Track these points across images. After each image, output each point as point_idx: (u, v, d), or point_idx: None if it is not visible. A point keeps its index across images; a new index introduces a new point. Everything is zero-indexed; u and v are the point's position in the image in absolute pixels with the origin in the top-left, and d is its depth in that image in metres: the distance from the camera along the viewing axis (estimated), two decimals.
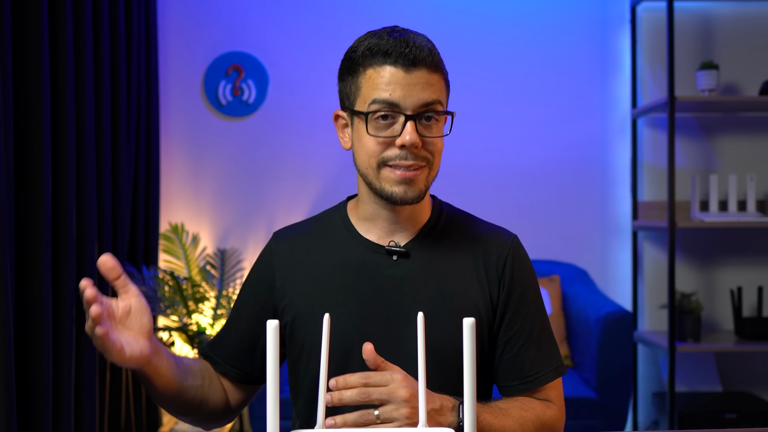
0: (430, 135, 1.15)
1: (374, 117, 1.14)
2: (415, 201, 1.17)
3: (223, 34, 3.41)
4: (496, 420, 1.12)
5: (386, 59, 1.12)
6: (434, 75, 1.14)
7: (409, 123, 1.12)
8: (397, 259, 1.22)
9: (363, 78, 1.15)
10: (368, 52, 1.14)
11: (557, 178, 3.44)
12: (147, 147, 3.13)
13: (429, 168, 1.17)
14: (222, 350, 1.29)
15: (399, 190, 1.15)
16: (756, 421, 2.92)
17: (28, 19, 2.04)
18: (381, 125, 1.14)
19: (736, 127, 3.42)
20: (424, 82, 1.13)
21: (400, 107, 1.12)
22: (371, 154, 1.15)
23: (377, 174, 1.16)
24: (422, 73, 1.13)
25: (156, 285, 2.91)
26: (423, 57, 1.12)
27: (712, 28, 3.40)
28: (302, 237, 1.28)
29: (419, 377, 0.87)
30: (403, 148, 1.13)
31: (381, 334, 1.17)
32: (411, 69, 1.12)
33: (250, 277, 1.31)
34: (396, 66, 1.12)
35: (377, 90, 1.13)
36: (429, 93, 1.13)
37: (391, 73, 1.12)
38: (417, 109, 1.13)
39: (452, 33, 3.41)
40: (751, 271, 3.38)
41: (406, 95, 1.12)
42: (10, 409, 1.78)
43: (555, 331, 3.03)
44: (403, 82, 1.12)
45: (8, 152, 1.93)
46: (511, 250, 1.25)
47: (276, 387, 0.70)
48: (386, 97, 1.12)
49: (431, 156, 1.16)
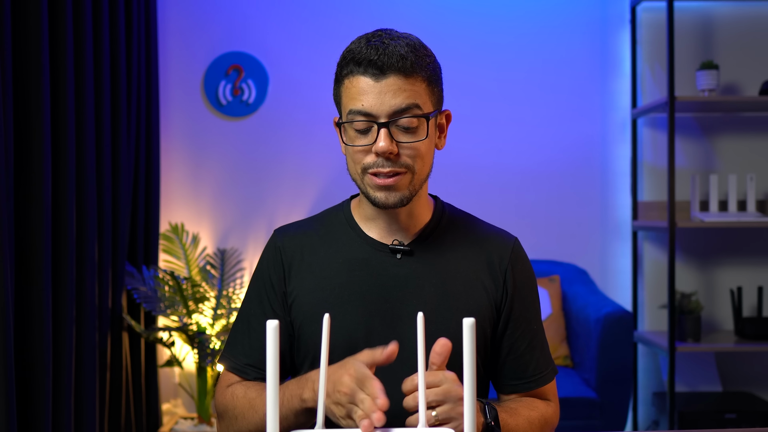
0: (408, 140, 1.15)
1: (352, 127, 1.15)
2: (398, 205, 1.17)
3: (223, 34, 3.41)
4: (512, 419, 1.14)
5: (358, 68, 1.14)
6: (410, 78, 1.13)
7: (382, 131, 1.13)
8: (401, 257, 1.22)
9: (342, 88, 1.17)
10: (343, 61, 1.16)
11: (557, 178, 3.44)
12: (147, 147, 3.13)
13: (411, 173, 1.16)
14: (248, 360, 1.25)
15: (380, 195, 1.16)
16: (756, 421, 2.92)
17: (28, 19, 2.04)
18: (360, 134, 1.16)
19: (736, 127, 3.42)
20: (396, 89, 1.12)
21: (373, 116, 1.13)
22: (355, 162, 1.18)
23: (362, 180, 1.18)
24: (393, 79, 1.12)
25: (156, 285, 2.91)
26: (392, 63, 1.12)
27: (712, 28, 3.40)
28: (307, 235, 1.28)
29: (419, 377, 0.87)
30: (379, 156, 1.14)
31: (385, 332, 1.18)
32: (380, 77, 1.13)
33: (258, 277, 1.29)
34: (366, 75, 1.13)
35: (352, 100, 1.15)
36: (402, 99, 1.13)
37: (362, 82, 1.14)
38: (390, 116, 1.13)
39: (452, 33, 3.41)
40: (751, 271, 3.38)
41: (377, 104, 1.13)
42: (10, 409, 1.78)
43: (555, 331, 3.03)
44: (374, 91, 1.13)
45: (8, 152, 1.93)
46: (514, 252, 1.27)
47: (276, 387, 0.70)
48: (359, 107, 1.14)
49: (411, 161, 1.15)
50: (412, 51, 1.14)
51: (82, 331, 2.41)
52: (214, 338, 2.84)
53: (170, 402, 3.33)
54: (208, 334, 2.89)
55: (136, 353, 2.97)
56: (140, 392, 2.98)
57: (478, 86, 3.41)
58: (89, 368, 2.42)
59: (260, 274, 1.29)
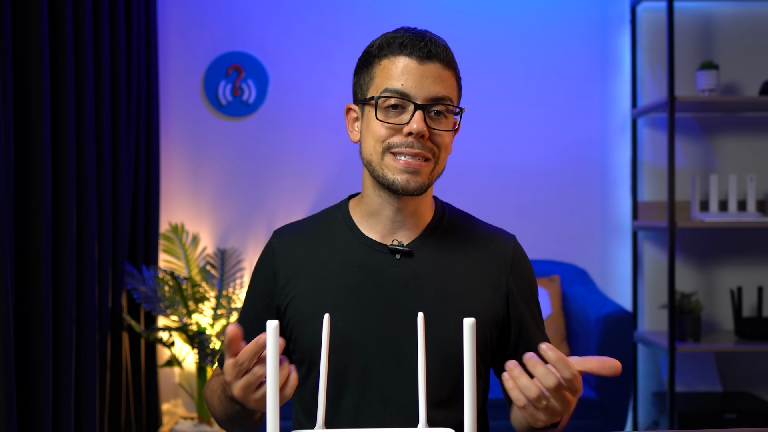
0: (438, 128, 1.16)
1: (384, 104, 1.16)
2: (417, 192, 1.17)
3: (223, 34, 3.41)
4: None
5: (402, 50, 1.16)
6: (447, 71, 1.17)
7: (418, 112, 1.14)
8: (401, 258, 1.22)
9: (378, 68, 1.18)
10: (385, 44, 1.18)
11: (557, 178, 3.44)
12: (147, 147, 3.13)
13: (434, 162, 1.18)
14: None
15: (402, 178, 1.16)
16: (756, 421, 2.92)
17: (28, 19, 2.04)
18: (391, 113, 1.16)
19: (736, 127, 3.42)
20: (437, 76, 1.15)
21: (411, 97, 1.14)
22: (378, 139, 1.16)
23: (381, 161, 1.17)
24: (436, 66, 1.16)
25: (156, 285, 2.92)
26: (438, 52, 1.16)
27: (712, 28, 3.40)
28: (304, 235, 1.28)
29: (419, 377, 0.87)
30: (410, 136, 1.14)
31: (383, 334, 1.18)
32: (425, 61, 1.15)
33: (255, 279, 1.30)
34: (411, 57, 1.15)
35: (390, 79, 1.15)
36: (441, 87, 1.16)
37: (405, 63, 1.15)
38: (427, 100, 1.15)
39: (452, 33, 3.38)
40: (751, 271, 3.38)
41: (418, 86, 1.14)
42: (10, 409, 1.78)
43: (555, 331, 3.03)
44: (417, 74, 1.14)
45: (8, 152, 1.93)
46: (514, 251, 1.27)
47: (276, 387, 0.70)
48: (398, 87, 1.15)
49: (437, 149, 1.17)
50: (448, 47, 1.20)
51: (82, 331, 2.41)
52: (214, 338, 2.84)
53: (170, 402, 3.33)
54: (208, 334, 2.90)
55: (136, 353, 2.97)
56: (140, 392, 2.98)
57: (478, 86, 3.41)
58: (89, 368, 2.42)
59: (255, 276, 1.30)
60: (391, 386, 1.17)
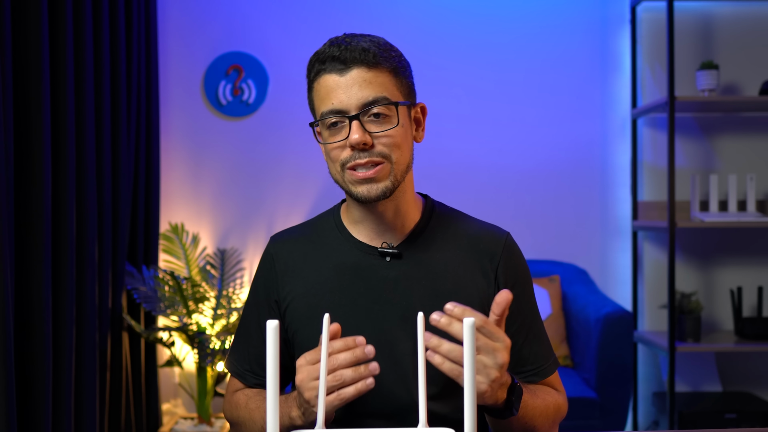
0: (381, 130, 1.15)
1: (326, 126, 1.17)
2: (382, 197, 1.17)
3: (223, 34, 3.41)
4: (531, 400, 1.14)
5: (322, 68, 1.17)
6: (373, 71, 1.15)
7: (354, 123, 1.14)
8: (390, 260, 1.23)
9: (313, 93, 1.21)
10: (310, 66, 1.20)
11: (557, 178, 3.44)
12: (147, 147, 3.13)
13: (390, 162, 1.17)
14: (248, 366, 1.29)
15: (362, 189, 1.17)
16: (756, 421, 2.92)
17: (28, 19, 2.04)
18: (334, 131, 1.17)
19: (736, 127, 3.42)
20: (362, 81, 1.15)
21: (344, 111, 1.15)
22: (333, 159, 1.18)
23: (343, 179, 1.18)
24: (359, 71, 1.15)
25: (156, 285, 2.92)
26: (355, 57, 1.14)
27: (712, 28, 3.40)
28: (299, 240, 1.30)
29: (419, 377, 0.87)
30: (354, 149, 1.15)
31: (376, 335, 1.18)
32: (344, 71, 1.15)
33: (255, 285, 1.32)
34: (331, 73, 1.16)
35: (322, 102, 1.17)
36: (369, 91, 1.15)
37: (327, 80, 1.16)
38: (360, 108, 1.14)
39: (452, 33, 3.41)
40: (751, 271, 3.38)
41: (345, 98, 1.14)
42: (10, 409, 1.78)
43: (555, 331, 3.03)
44: (341, 86, 1.15)
45: (8, 152, 1.93)
46: (506, 247, 1.26)
47: (276, 387, 0.70)
48: (330, 107, 1.15)
49: (387, 150, 1.16)
50: (375, 45, 1.16)
51: (82, 331, 2.41)
52: (214, 338, 2.84)
53: (170, 402, 3.33)
54: (208, 334, 2.89)
55: (136, 353, 2.97)
56: (140, 392, 2.98)
57: (478, 86, 3.42)
58: (89, 368, 2.42)
59: (255, 282, 1.32)
60: (386, 386, 1.18)
